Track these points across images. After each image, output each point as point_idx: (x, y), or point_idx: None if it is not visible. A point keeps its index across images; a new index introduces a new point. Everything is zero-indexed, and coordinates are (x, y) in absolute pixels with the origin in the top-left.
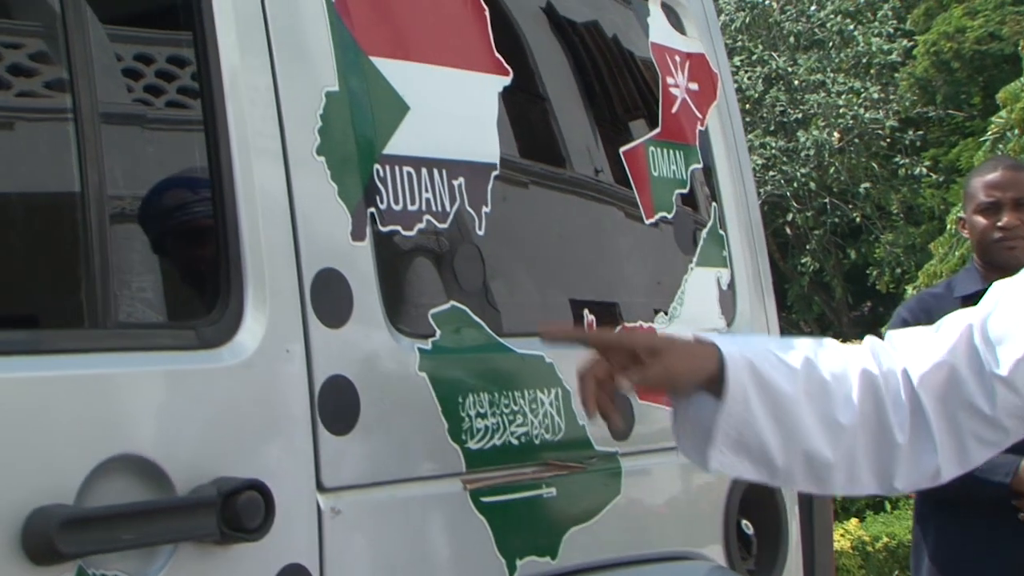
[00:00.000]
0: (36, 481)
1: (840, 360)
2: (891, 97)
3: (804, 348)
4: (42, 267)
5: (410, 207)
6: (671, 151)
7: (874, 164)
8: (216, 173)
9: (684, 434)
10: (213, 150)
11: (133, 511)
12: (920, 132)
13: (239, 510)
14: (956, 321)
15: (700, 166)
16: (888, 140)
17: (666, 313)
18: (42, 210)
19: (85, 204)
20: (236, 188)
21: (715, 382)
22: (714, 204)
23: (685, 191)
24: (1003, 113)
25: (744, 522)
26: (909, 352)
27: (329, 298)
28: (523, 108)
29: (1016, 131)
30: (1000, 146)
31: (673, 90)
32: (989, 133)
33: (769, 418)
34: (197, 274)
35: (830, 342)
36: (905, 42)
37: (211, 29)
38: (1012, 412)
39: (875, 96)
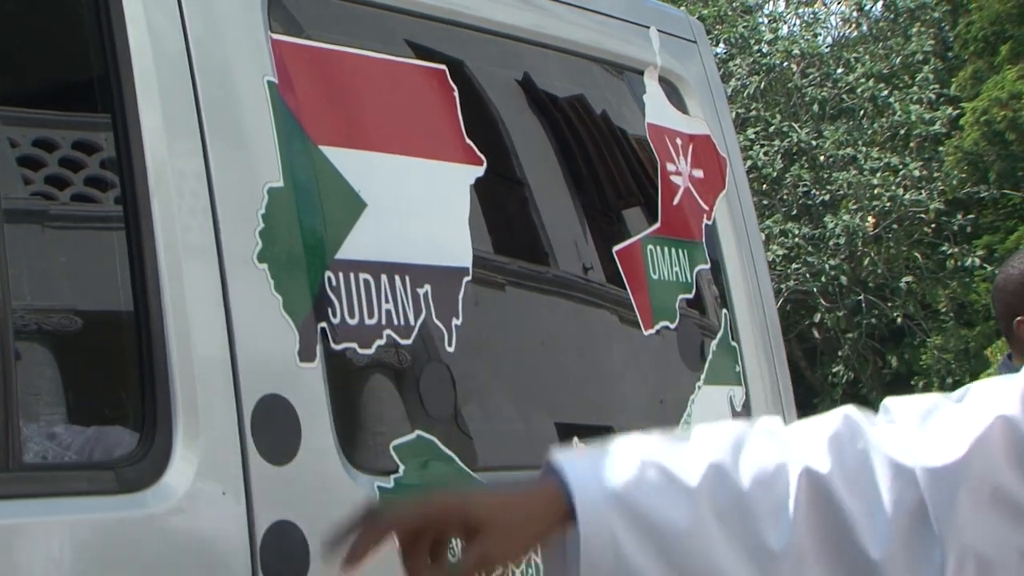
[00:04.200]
0: None
1: (773, 455)
2: (935, 175)
3: (714, 446)
4: None
5: (367, 320)
6: (673, 249)
7: (917, 254)
8: (139, 282)
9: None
10: (135, 253)
11: None
12: (971, 216)
13: None
14: (991, 394)
15: (707, 266)
16: (933, 226)
17: None
18: None
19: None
20: (163, 300)
21: (570, 526)
22: (724, 311)
23: (690, 296)
24: None
25: None
26: (919, 435)
27: (273, 429)
28: (500, 203)
29: None
30: None
31: (674, 178)
32: None
33: (657, 562)
34: (117, 403)
35: (766, 425)
36: (950, 110)
37: (133, 111)
38: None
39: (916, 174)
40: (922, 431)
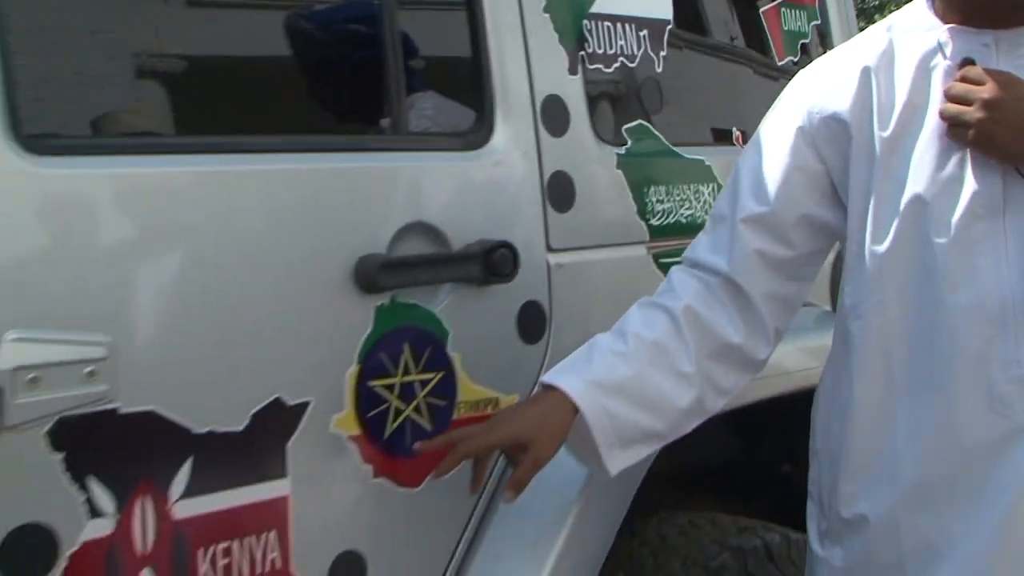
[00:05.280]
0: (362, 237)
1: (662, 315)
2: None
3: (631, 325)
4: (364, 94)
5: (609, 51)
6: (797, 11)
7: None
8: (477, 34)
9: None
10: (477, 16)
11: (427, 260)
12: None
13: (495, 261)
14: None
15: (819, 22)
16: None
17: None
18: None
19: (395, 53)
20: (489, 44)
21: (576, 415)
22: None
23: (807, 40)
24: None
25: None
26: (713, 260)
27: (553, 115)
28: None
29: None
30: None
31: None
32: None
33: (632, 406)
34: (464, 100)
35: (645, 307)
36: None
37: None
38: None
39: None
40: (715, 253)
